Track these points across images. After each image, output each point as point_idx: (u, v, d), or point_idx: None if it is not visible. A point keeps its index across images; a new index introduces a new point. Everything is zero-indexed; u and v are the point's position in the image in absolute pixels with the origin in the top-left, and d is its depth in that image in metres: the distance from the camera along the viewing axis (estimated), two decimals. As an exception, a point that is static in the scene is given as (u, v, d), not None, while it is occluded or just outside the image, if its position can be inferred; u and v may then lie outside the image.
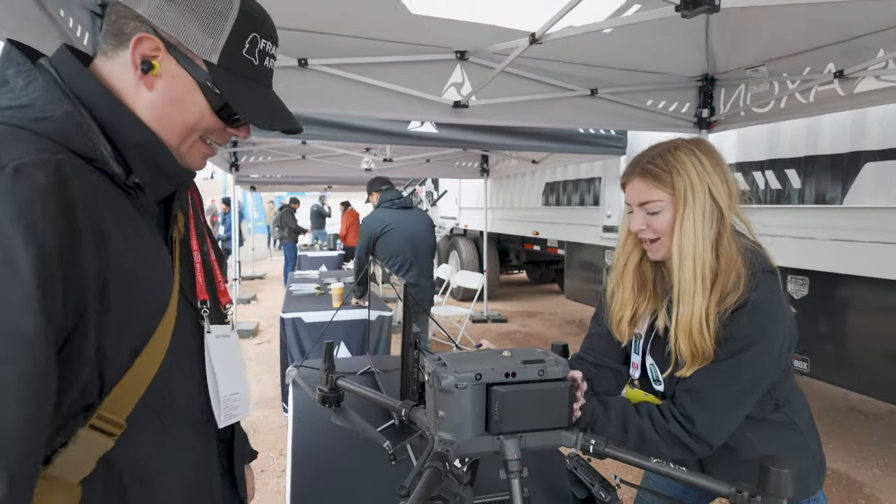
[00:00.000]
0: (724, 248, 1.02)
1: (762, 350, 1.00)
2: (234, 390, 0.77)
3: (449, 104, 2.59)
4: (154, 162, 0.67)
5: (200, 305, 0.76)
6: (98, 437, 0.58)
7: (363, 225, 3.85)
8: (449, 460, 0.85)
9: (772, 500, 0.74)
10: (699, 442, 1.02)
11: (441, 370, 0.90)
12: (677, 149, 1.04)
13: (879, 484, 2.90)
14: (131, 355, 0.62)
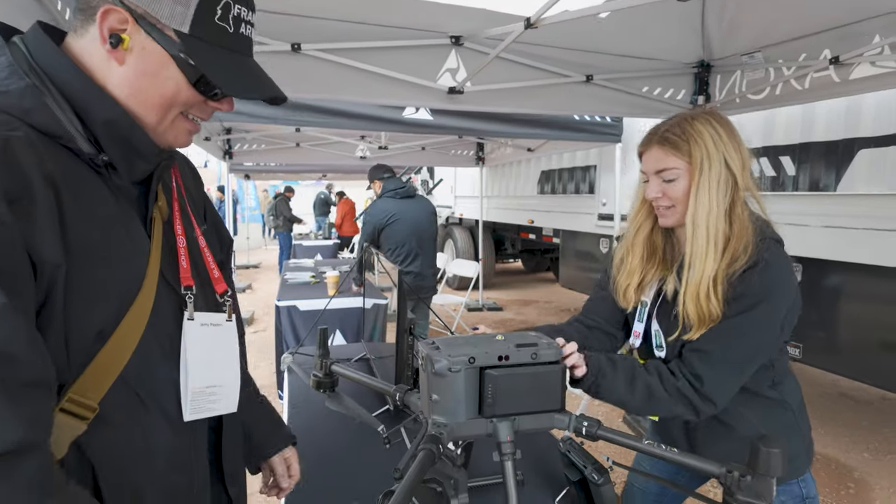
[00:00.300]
0: (737, 215, 1.05)
1: (770, 309, 1.02)
2: (211, 383, 0.74)
3: (444, 90, 2.57)
4: (126, 140, 0.65)
5: (184, 291, 0.73)
6: (69, 421, 0.58)
7: (367, 215, 3.81)
8: (442, 443, 0.86)
9: (761, 479, 0.75)
10: (705, 400, 1.03)
11: (435, 354, 0.90)
12: (695, 119, 1.06)
13: (869, 468, 2.94)
14: (98, 337, 0.60)
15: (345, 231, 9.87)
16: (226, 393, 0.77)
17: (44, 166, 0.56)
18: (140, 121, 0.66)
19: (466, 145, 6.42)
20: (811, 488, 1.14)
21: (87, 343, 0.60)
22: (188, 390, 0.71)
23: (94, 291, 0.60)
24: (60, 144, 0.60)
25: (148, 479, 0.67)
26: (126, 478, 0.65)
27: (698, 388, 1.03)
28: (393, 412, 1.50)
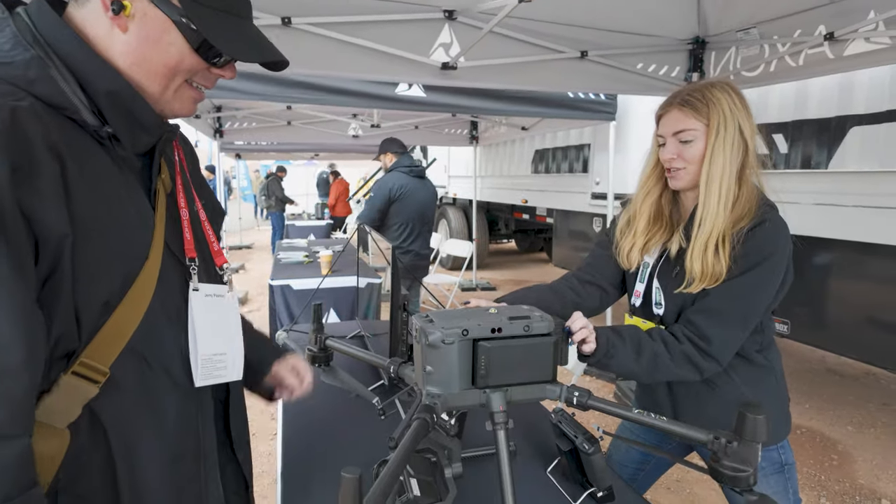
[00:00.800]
0: (745, 179, 1.12)
1: (773, 266, 1.08)
2: (218, 350, 0.76)
3: (437, 65, 2.53)
4: (129, 112, 0.66)
5: (189, 262, 0.75)
6: (82, 384, 0.59)
7: (378, 186, 3.66)
8: (436, 413, 0.87)
9: (747, 445, 0.77)
10: (708, 359, 1.08)
11: (428, 326, 0.91)
12: (713, 86, 1.13)
13: (853, 441, 3.02)
14: (105, 307, 0.62)
15: (338, 212, 9.81)
16: (232, 361, 0.79)
17: (49, 137, 0.56)
18: (144, 91, 0.67)
19: (460, 124, 6.37)
20: (789, 455, 1.19)
21: (96, 312, 0.61)
22: (198, 357, 0.73)
23: (101, 261, 0.61)
24: (65, 116, 0.61)
25: (157, 441, 0.69)
26: (137, 440, 0.67)
27: (704, 348, 1.07)
28: (387, 387, 1.51)
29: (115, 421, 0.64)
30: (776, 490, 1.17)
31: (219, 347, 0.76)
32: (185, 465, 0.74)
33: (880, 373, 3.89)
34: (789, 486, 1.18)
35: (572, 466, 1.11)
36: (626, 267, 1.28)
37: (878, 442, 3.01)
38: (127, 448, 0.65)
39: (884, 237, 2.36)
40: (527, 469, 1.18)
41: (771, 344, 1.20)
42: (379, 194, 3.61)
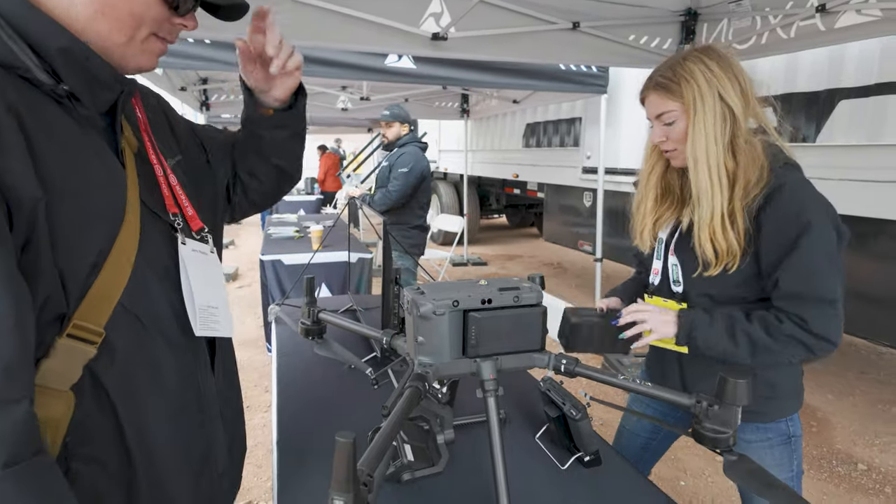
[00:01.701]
0: (740, 148, 1.05)
1: (819, 227, 1.01)
2: (210, 303, 0.76)
3: (427, 36, 2.50)
4: (85, 68, 0.64)
5: (172, 218, 0.75)
6: (78, 346, 0.60)
7: (411, 161, 3.44)
8: (428, 381, 0.89)
9: (728, 408, 0.80)
10: (819, 339, 1.01)
11: (420, 298, 0.92)
12: (685, 59, 1.07)
13: (832, 408, 3.12)
14: (92, 267, 0.62)
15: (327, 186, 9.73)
16: (223, 315, 0.79)
17: (5, 97, 0.55)
18: (107, 41, 0.65)
19: (451, 97, 6.30)
20: (797, 428, 1.18)
21: (83, 273, 0.61)
22: (195, 306, 0.74)
23: (79, 223, 0.61)
24: (18, 76, 0.59)
25: (160, 397, 0.71)
26: (140, 397, 0.68)
27: (807, 328, 1.01)
28: (379, 358, 1.54)
29: (117, 380, 0.65)
30: (780, 460, 1.16)
31: (211, 300, 0.77)
32: (189, 417, 0.75)
33: (860, 343, 4.00)
34: (794, 458, 1.17)
35: (560, 432, 1.14)
36: (642, 248, 1.26)
37: (855, 409, 3.11)
38: (131, 406, 0.66)
39: (869, 211, 2.39)
40: (516, 435, 1.21)
41: None
42: (415, 170, 3.43)
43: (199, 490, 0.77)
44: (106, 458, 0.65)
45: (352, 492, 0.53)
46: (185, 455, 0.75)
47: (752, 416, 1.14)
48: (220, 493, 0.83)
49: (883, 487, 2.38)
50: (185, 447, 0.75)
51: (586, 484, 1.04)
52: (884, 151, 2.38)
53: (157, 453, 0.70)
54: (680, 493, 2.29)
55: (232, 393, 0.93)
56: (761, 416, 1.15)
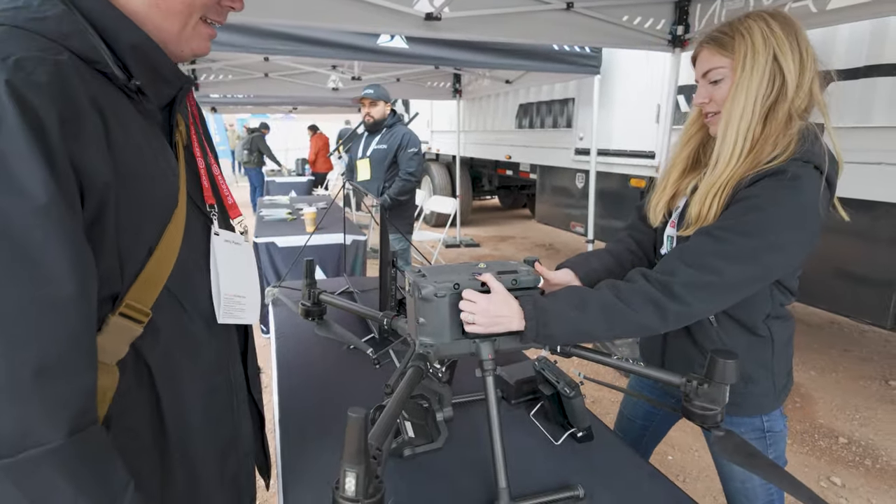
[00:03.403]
0: (776, 117, 0.97)
1: (775, 223, 0.92)
2: (238, 292, 0.80)
3: (420, 16, 2.48)
4: (152, 65, 0.67)
5: (209, 209, 0.79)
6: (128, 324, 0.64)
7: (412, 140, 3.47)
8: (429, 361, 0.92)
9: (717, 386, 0.84)
10: (673, 298, 0.92)
11: (421, 281, 0.95)
12: (749, 16, 1.00)
13: (815, 384, 3.21)
14: (148, 252, 0.66)
15: (319, 167, 9.67)
16: (250, 304, 0.83)
17: (89, 90, 0.58)
18: (164, 32, 0.68)
19: (443, 77, 6.24)
20: (776, 424, 1.14)
21: (140, 257, 0.65)
22: (220, 295, 0.78)
23: (141, 209, 0.64)
24: (96, 70, 0.62)
25: (195, 376, 0.75)
26: (177, 375, 0.72)
27: (666, 283, 0.93)
28: (378, 339, 1.57)
29: (158, 359, 0.69)
30: None
31: (238, 289, 0.81)
32: (220, 396, 0.80)
33: (843, 321, 4.10)
34: (770, 452, 1.14)
35: (554, 409, 1.18)
36: (652, 221, 1.19)
37: (838, 385, 3.21)
38: (169, 384, 0.70)
39: (855, 193, 2.44)
40: (513, 413, 1.25)
41: (780, 316, 1.09)
42: (421, 151, 3.50)
43: (226, 468, 0.82)
44: (143, 431, 0.69)
45: (363, 463, 0.56)
46: (214, 435, 0.79)
47: None
48: (245, 473, 0.88)
49: (863, 460, 2.47)
50: (215, 427, 0.79)
51: (579, 458, 1.08)
52: (872, 133, 2.41)
53: (190, 431, 0.74)
54: (668, 467, 2.37)
55: (258, 376, 0.99)
56: (732, 408, 1.10)
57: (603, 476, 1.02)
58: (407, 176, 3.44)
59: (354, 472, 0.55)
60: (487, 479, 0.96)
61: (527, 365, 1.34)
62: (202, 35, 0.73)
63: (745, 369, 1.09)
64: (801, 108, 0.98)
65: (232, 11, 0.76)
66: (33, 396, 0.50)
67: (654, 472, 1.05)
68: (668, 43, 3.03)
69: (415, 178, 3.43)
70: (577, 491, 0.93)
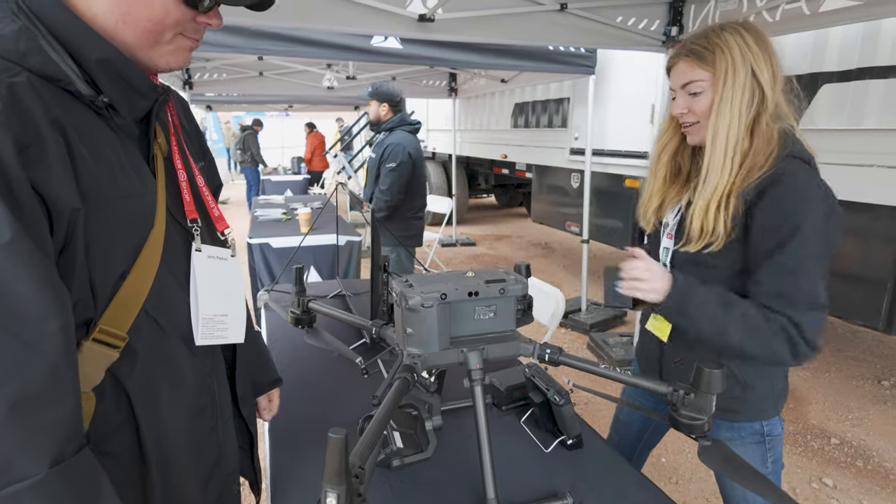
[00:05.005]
0: (760, 130, 1.02)
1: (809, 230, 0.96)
2: (220, 311, 0.78)
3: (414, 17, 2.47)
4: (122, 78, 0.64)
5: (190, 224, 0.76)
6: (103, 350, 0.62)
7: (400, 152, 3.08)
8: (417, 372, 0.92)
9: (703, 396, 0.84)
10: (807, 345, 0.97)
11: (408, 291, 0.95)
12: (723, 29, 1.03)
13: (808, 385, 3.23)
14: (121, 275, 0.64)
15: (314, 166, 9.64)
16: (233, 323, 0.81)
17: (50, 111, 0.56)
18: (135, 50, 0.65)
19: (438, 75, 6.23)
20: (774, 427, 1.16)
21: (112, 281, 0.63)
22: (199, 317, 0.76)
23: (112, 232, 0.62)
24: (60, 88, 0.59)
25: (177, 399, 0.73)
26: (157, 399, 0.70)
27: (800, 332, 0.97)
28: (370, 345, 1.56)
29: (137, 383, 0.67)
30: (752, 458, 1.15)
31: (220, 308, 0.78)
32: (203, 419, 0.78)
33: (836, 321, 4.11)
34: (768, 456, 1.16)
35: (544, 416, 1.18)
36: (644, 228, 1.23)
37: (830, 385, 3.22)
38: (149, 407, 0.69)
39: (845, 194, 2.44)
40: (502, 419, 1.25)
41: None
42: (403, 165, 3.09)
43: (209, 490, 0.80)
44: (123, 457, 0.68)
45: (344, 484, 0.55)
46: (198, 456, 0.78)
47: (722, 414, 1.13)
48: (229, 492, 0.86)
49: (854, 461, 2.49)
50: (199, 449, 0.78)
51: (568, 465, 1.09)
52: (864, 136, 2.42)
53: (171, 453, 0.73)
54: (661, 469, 2.38)
55: (249, 393, 0.97)
56: (732, 415, 1.14)
57: (592, 484, 1.02)
58: (379, 193, 3.14)
59: (335, 493, 0.54)
60: (477, 488, 0.96)
61: (518, 370, 1.34)
62: (180, 49, 0.70)
63: (745, 376, 1.12)
64: (776, 117, 1.04)
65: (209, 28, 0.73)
66: (9, 431, 0.49)
67: (643, 480, 1.05)
68: (662, 44, 3.03)
69: (387, 196, 3.10)
70: (566, 500, 0.94)
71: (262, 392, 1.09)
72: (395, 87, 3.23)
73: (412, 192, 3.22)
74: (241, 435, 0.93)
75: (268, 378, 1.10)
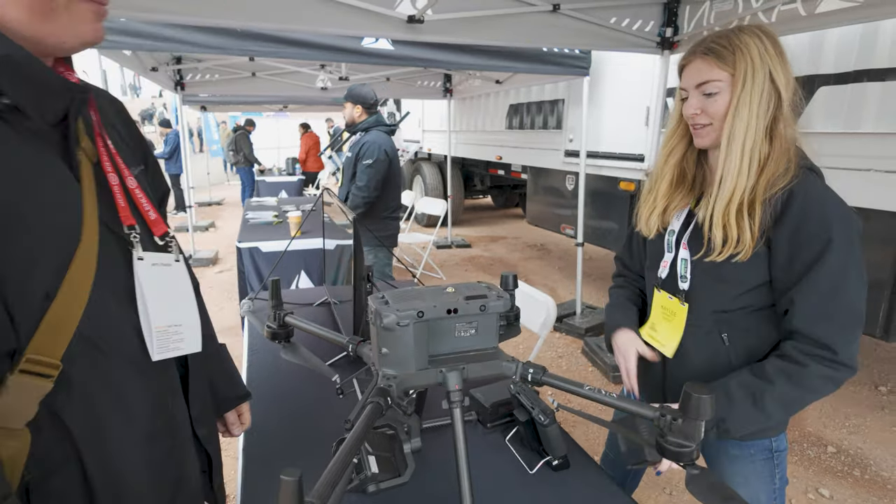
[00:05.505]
0: (778, 133, 1.00)
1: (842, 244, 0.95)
2: (173, 321, 0.72)
3: (403, 19, 2.42)
4: (27, 77, 0.58)
5: (128, 231, 0.69)
6: (33, 381, 0.56)
7: (371, 152, 3.16)
8: (391, 395, 0.87)
9: (691, 422, 0.79)
10: (842, 368, 0.96)
11: (383, 308, 0.90)
12: (742, 31, 1.00)
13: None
14: (44, 297, 0.57)
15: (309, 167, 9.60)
16: (188, 331, 0.75)
17: None
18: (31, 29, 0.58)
19: (433, 76, 6.18)
20: (781, 443, 1.16)
21: (34, 306, 0.57)
22: (151, 329, 0.70)
23: (29, 251, 0.56)
24: None
25: (126, 425, 0.67)
26: (103, 427, 0.64)
27: (833, 358, 0.95)
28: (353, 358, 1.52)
29: (77, 413, 0.61)
30: (762, 474, 1.14)
31: (173, 318, 0.73)
32: (160, 443, 0.73)
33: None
34: (777, 472, 1.15)
35: (529, 436, 1.14)
36: (646, 234, 1.20)
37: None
38: (93, 437, 0.63)
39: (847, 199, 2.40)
40: (487, 438, 1.21)
41: None
42: (379, 162, 3.17)
43: None
44: (71, 494, 0.62)
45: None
46: (156, 481, 0.72)
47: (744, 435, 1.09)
48: None
49: (851, 470, 2.45)
50: (156, 473, 0.72)
51: (553, 487, 1.04)
52: (861, 139, 2.38)
53: (125, 482, 0.67)
54: (655, 479, 2.33)
55: (207, 411, 0.91)
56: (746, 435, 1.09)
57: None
58: (355, 190, 3.21)
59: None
60: (455, 515, 0.91)
61: (504, 385, 1.30)
62: (84, 17, 0.61)
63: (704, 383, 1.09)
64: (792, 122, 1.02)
65: None
66: None
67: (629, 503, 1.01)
68: (656, 45, 2.99)
69: (363, 192, 3.18)
70: (548, 528, 0.89)
71: (231, 407, 1.04)
72: (370, 91, 3.32)
73: (387, 191, 3.29)
74: (199, 457, 0.87)
75: (235, 392, 1.05)
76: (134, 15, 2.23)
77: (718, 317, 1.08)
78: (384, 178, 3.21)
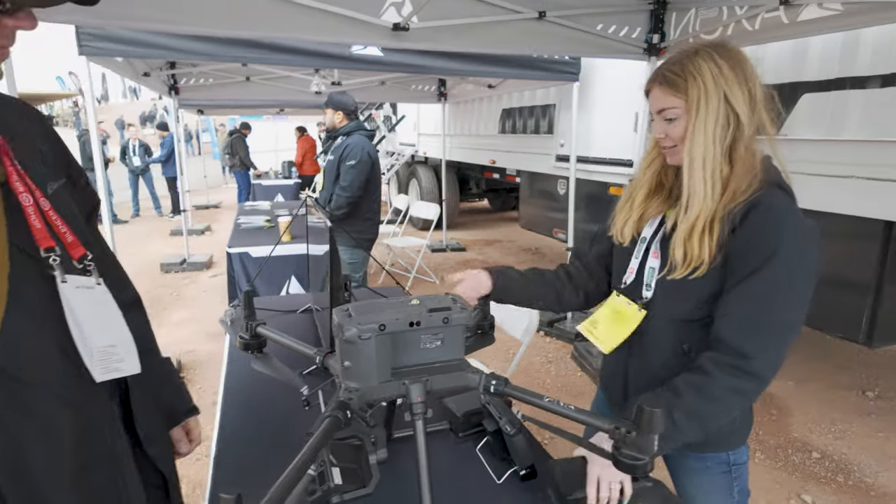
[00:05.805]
0: (739, 155, 1.00)
1: (786, 261, 0.94)
2: (108, 342, 0.71)
3: (388, 27, 2.44)
4: None
5: (45, 254, 0.65)
6: None
7: (355, 152, 3.22)
8: (352, 408, 0.88)
9: (644, 435, 0.80)
10: (751, 379, 0.95)
11: (346, 321, 0.91)
12: (696, 54, 1.01)
13: (792, 395, 3.20)
14: None
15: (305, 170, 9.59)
16: (125, 353, 0.74)
17: None
18: None
19: (427, 80, 6.20)
20: (740, 456, 1.15)
21: None
22: (92, 350, 0.68)
23: None
24: None
25: (52, 458, 0.64)
26: (26, 463, 0.62)
27: (743, 367, 0.95)
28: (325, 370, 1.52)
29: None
30: (720, 487, 1.15)
31: (108, 339, 0.71)
32: (96, 473, 0.70)
33: (824, 328, 4.09)
34: (735, 485, 1.15)
35: (498, 445, 1.15)
36: (619, 242, 1.20)
37: (814, 396, 3.19)
38: (15, 474, 0.61)
39: (824, 206, 2.41)
40: (458, 447, 1.21)
41: None
42: (363, 163, 3.23)
43: None
44: None
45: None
46: None
47: (689, 445, 1.07)
48: None
49: (835, 476, 2.45)
50: None
51: (520, 498, 1.05)
52: (843, 147, 2.39)
53: None
54: (639, 484, 2.34)
55: (158, 429, 0.90)
56: (699, 446, 1.08)
57: (540, 520, 0.98)
58: (339, 190, 3.27)
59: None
60: (417, 526, 0.92)
61: (476, 395, 1.30)
62: None
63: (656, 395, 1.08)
64: (754, 140, 1.02)
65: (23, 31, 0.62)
66: None
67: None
68: (643, 51, 3.01)
69: (347, 192, 3.24)
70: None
71: (179, 421, 1.02)
72: (350, 98, 3.39)
73: (368, 193, 3.35)
74: (153, 475, 0.86)
75: (183, 406, 1.03)
76: (126, 24, 2.24)
77: (678, 325, 1.09)
78: (367, 178, 3.27)
